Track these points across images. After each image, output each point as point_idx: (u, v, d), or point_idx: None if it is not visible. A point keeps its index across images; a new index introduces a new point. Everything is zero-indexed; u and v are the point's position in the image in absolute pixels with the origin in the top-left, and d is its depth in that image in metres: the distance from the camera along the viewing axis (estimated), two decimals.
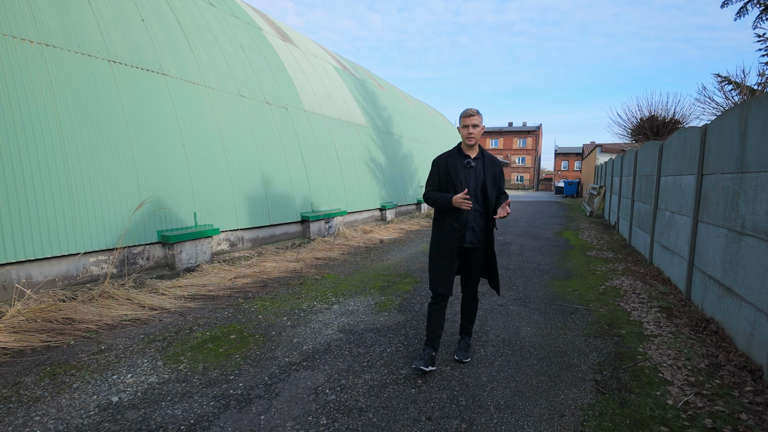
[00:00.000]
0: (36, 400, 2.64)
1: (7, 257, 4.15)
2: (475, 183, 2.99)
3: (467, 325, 3.32)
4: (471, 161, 3.00)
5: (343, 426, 2.36)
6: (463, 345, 3.28)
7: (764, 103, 3.22)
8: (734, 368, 3.05)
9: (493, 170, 3.05)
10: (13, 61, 4.53)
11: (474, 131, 2.94)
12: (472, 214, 2.99)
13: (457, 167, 3.00)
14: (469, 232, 3.01)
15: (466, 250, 3.06)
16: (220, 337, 3.70)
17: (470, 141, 2.96)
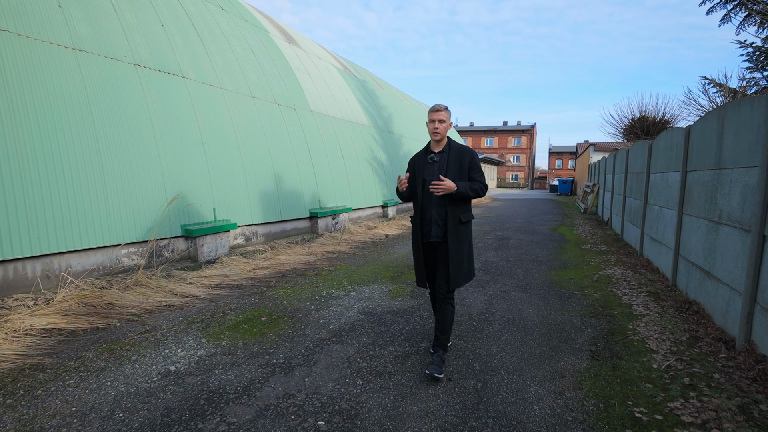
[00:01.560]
0: (102, 370, 3.01)
1: (51, 248, 4.49)
2: (437, 177, 2.92)
3: (440, 335, 2.97)
4: (434, 156, 3.01)
5: (377, 386, 2.76)
6: (436, 359, 2.90)
7: (737, 107, 3.65)
8: (711, 340, 3.48)
9: (459, 160, 2.96)
10: (51, 66, 4.87)
11: (440, 126, 2.94)
12: (435, 209, 2.95)
13: (422, 164, 3.05)
14: (434, 227, 2.97)
15: (435, 245, 3.03)
16: (252, 319, 4.08)
17: (436, 136, 2.97)
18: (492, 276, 5.85)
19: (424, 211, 3.00)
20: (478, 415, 2.44)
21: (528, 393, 2.69)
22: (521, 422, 2.37)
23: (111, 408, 2.51)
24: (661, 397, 2.61)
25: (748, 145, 3.37)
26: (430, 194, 2.95)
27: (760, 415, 2.39)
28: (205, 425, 2.33)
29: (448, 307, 2.99)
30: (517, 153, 58.63)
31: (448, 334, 3.00)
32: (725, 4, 8.01)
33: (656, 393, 2.66)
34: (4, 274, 4.19)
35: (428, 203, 2.98)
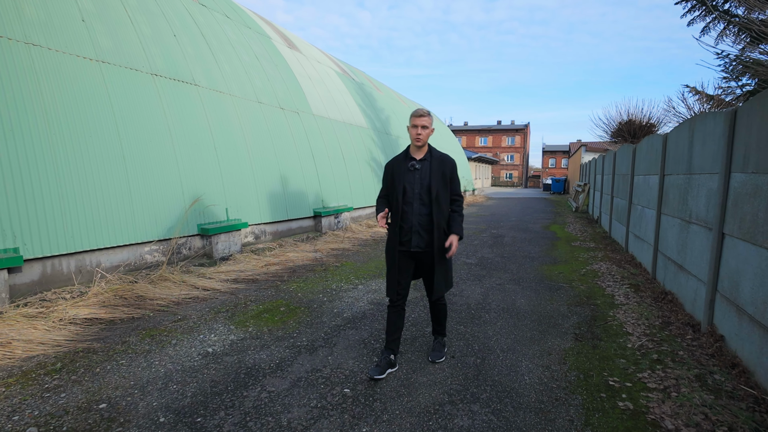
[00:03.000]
0: (148, 352, 3.42)
1: (83, 246, 4.88)
2: (420, 185, 2.89)
3: (437, 326, 3.27)
4: (416, 163, 2.93)
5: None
6: (437, 345, 3.23)
7: (704, 120, 4.13)
8: (681, 324, 3.97)
9: (441, 169, 2.91)
10: (79, 78, 5.25)
11: (422, 132, 2.87)
12: (416, 218, 2.90)
13: (402, 171, 2.95)
14: (415, 236, 2.92)
15: (417, 254, 2.98)
16: (271, 309, 4.50)
17: (418, 142, 2.89)
18: (488, 271, 6.31)
19: (405, 219, 2.92)
20: (477, 383, 2.89)
21: (520, 367, 3.14)
22: (514, 389, 2.83)
23: (164, 381, 2.93)
24: (632, 369, 3.08)
25: (712, 154, 3.85)
26: (411, 203, 2.90)
27: (713, 383, 2.86)
28: (249, 393, 2.76)
29: (440, 306, 3.18)
30: (511, 152, 59.32)
31: (444, 324, 3.26)
32: (704, 17, 8.54)
33: (628, 366, 3.14)
34: (43, 269, 4.58)
35: (409, 212, 2.91)
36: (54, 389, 2.83)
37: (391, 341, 3.06)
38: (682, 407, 2.55)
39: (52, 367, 3.14)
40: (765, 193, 2.83)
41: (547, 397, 2.73)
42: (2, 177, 4.25)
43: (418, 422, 2.45)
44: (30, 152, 4.52)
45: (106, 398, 2.72)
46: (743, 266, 3.11)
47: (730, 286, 3.31)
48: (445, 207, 2.96)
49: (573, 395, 2.74)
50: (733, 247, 3.30)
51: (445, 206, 2.94)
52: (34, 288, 4.51)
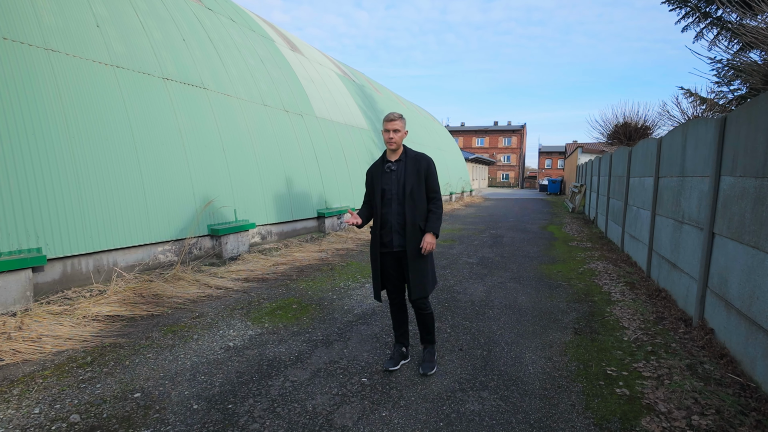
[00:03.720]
0: (172, 347, 3.61)
1: (101, 246, 5.06)
2: (397, 186, 2.97)
3: (425, 335, 3.19)
4: (391, 165, 3.02)
5: None
6: (427, 355, 3.16)
7: (696, 125, 4.36)
8: (674, 319, 4.20)
9: (416, 168, 2.96)
10: (95, 82, 5.42)
11: (395, 136, 2.94)
12: (395, 218, 2.96)
13: (379, 173, 3.04)
14: (395, 236, 2.97)
15: (399, 254, 3.01)
16: (284, 306, 4.70)
17: (391, 145, 2.97)
18: (489, 270, 6.53)
19: (384, 220, 2.99)
20: (485, 373, 3.11)
21: (524, 358, 3.36)
22: (519, 378, 3.04)
23: (192, 373, 3.12)
24: (628, 360, 3.30)
25: (703, 158, 4.08)
26: (389, 203, 2.97)
27: (703, 371, 3.09)
28: (273, 383, 2.96)
29: (426, 314, 3.11)
30: (508, 153, 59.69)
31: (432, 333, 3.17)
32: (698, 23, 8.80)
33: (625, 357, 3.36)
34: (63, 269, 4.75)
35: (388, 212, 2.97)
36: (89, 380, 3.01)
37: (400, 335, 3.22)
38: (674, 393, 2.77)
39: (83, 361, 3.32)
40: (751, 196, 3.06)
41: (550, 384, 2.94)
42: (26, 179, 4.43)
43: (433, 407, 2.66)
44: (51, 155, 4.70)
45: (140, 388, 2.91)
46: (731, 264, 3.34)
47: (720, 283, 3.54)
48: (420, 205, 2.96)
49: (574, 383, 2.96)
50: (723, 245, 3.53)
51: (420, 204, 2.95)
52: (55, 286, 4.68)
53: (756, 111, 3.08)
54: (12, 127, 4.42)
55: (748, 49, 7.43)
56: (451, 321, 4.22)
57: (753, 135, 3.10)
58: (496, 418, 2.54)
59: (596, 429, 2.43)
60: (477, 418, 2.54)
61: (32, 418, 2.55)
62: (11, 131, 4.41)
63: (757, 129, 3.02)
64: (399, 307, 3.20)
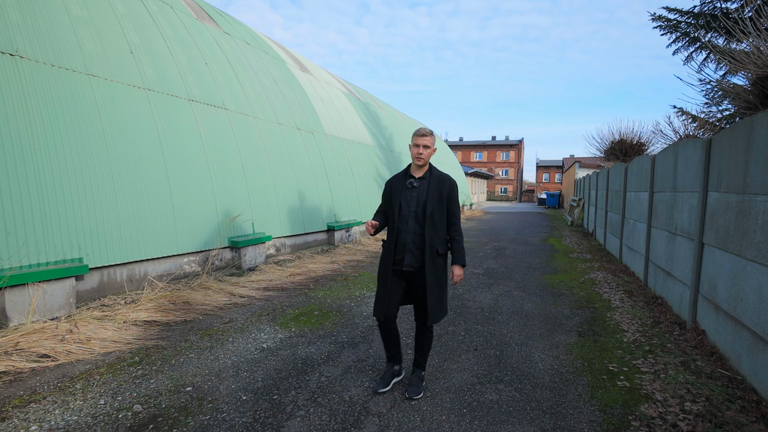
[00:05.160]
0: (211, 348, 3.94)
1: (134, 257, 5.41)
2: (416, 203, 2.87)
3: (418, 357, 3.08)
4: (414, 181, 2.93)
5: None
6: (415, 379, 3.03)
7: (686, 145, 4.79)
8: (669, 323, 4.55)
9: (439, 189, 2.88)
10: (130, 105, 5.84)
11: (424, 152, 2.86)
12: (410, 236, 2.85)
13: (400, 188, 2.95)
14: (408, 255, 2.86)
15: (408, 274, 2.91)
16: (306, 313, 5.03)
17: (419, 161, 2.88)
18: (495, 279, 6.89)
19: (399, 237, 2.89)
20: (500, 369, 3.45)
21: (533, 357, 3.70)
22: (531, 373, 3.38)
23: (234, 370, 3.45)
24: (628, 358, 3.65)
25: (692, 175, 4.49)
26: (406, 220, 2.88)
27: (695, 367, 3.43)
28: (310, 378, 3.29)
29: (427, 333, 3.02)
30: (506, 167, 60.44)
31: (426, 356, 3.08)
32: (688, 47, 9.34)
33: (625, 355, 3.71)
34: (101, 278, 5.09)
35: (404, 230, 2.88)
36: (142, 377, 3.34)
37: (392, 355, 3.10)
38: (669, 384, 3.11)
39: (132, 360, 3.65)
40: (734, 209, 3.45)
41: (558, 378, 3.28)
42: (70, 195, 4.80)
43: (456, 397, 2.99)
44: (92, 173, 5.08)
45: (190, 383, 3.24)
46: (719, 270, 3.71)
47: (709, 288, 3.90)
48: (441, 228, 2.89)
49: (579, 377, 3.30)
50: (711, 254, 3.91)
51: (440, 227, 2.88)
52: (93, 294, 5.01)
53: (736, 135, 3.49)
54: (60, 148, 4.82)
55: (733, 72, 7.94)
56: (464, 325, 4.56)
57: (734, 156, 3.50)
58: (512, 406, 2.88)
59: (601, 414, 2.77)
60: (496, 406, 2.88)
61: (99, 408, 2.88)
62: (59, 151, 4.80)
63: (738, 151, 3.43)
64: (392, 329, 3.04)
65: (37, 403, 2.93)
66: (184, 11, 8.38)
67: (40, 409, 2.86)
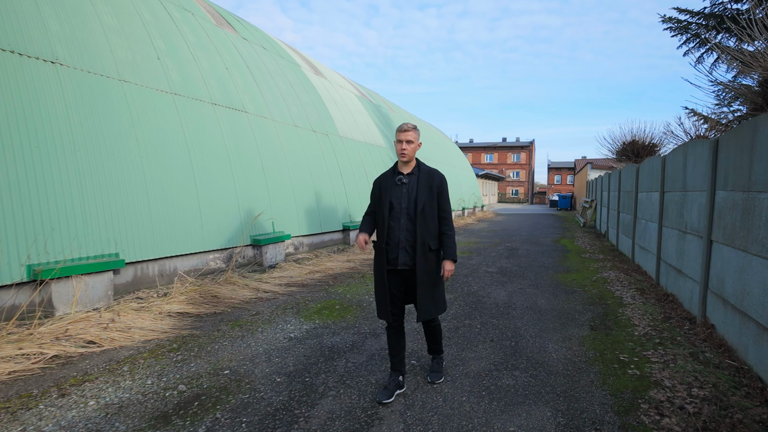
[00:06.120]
0: (242, 337, 4.20)
1: (165, 253, 5.70)
2: (407, 200, 2.85)
3: (433, 345, 3.19)
4: (403, 177, 2.90)
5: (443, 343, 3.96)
6: (435, 365, 3.15)
7: (695, 145, 4.93)
8: (679, 318, 4.70)
9: (429, 184, 2.86)
10: (159, 109, 6.15)
11: (408, 147, 2.83)
12: (403, 234, 2.83)
13: (389, 185, 2.91)
14: (402, 253, 2.84)
15: (405, 273, 2.89)
16: (328, 307, 5.28)
17: (403, 157, 2.86)
18: (508, 278, 7.07)
19: (391, 236, 2.86)
20: (515, 358, 3.65)
21: (547, 347, 3.89)
22: (545, 362, 3.57)
23: (267, 356, 3.70)
24: (639, 349, 3.82)
25: (701, 175, 4.64)
26: (398, 218, 2.84)
27: (703, 358, 3.60)
28: (338, 363, 3.53)
29: (434, 326, 3.10)
30: (517, 168, 60.27)
31: (440, 343, 3.19)
32: (699, 48, 9.43)
33: (635, 347, 3.88)
34: (135, 272, 5.40)
35: (396, 227, 2.85)
36: (182, 361, 3.61)
37: (396, 362, 3.01)
38: (678, 372, 3.29)
39: (171, 347, 3.92)
40: (740, 207, 3.61)
41: (571, 367, 3.47)
42: (107, 194, 5.11)
43: (475, 382, 3.20)
44: (126, 172, 5.39)
45: (227, 367, 3.49)
46: (726, 266, 3.87)
47: (718, 284, 4.06)
48: (432, 223, 2.87)
49: (592, 366, 3.49)
50: (719, 251, 4.06)
51: (431, 222, 2.86)
52: (128, 288, 5.32)
53: (741, 135, 3.65)
54: (97, 149, 5.13)
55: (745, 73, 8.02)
56: (480, 319, 4.76)
57: (739, 155, 3.66)
58: (528, 390, 3.08)
59: (612, 398, 2.96)
60: (512, 390, 3.08)
61: (147, 387, 3.15)
62: (96, 152, 5.11)
63: (743, 150, 3.59)
64: (398, 330, 3.00)
65: (91, 383, 3.20)
66: (204, 18, 8.72)
67: (95, 387, 3.13)
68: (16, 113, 4.45)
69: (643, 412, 2.75)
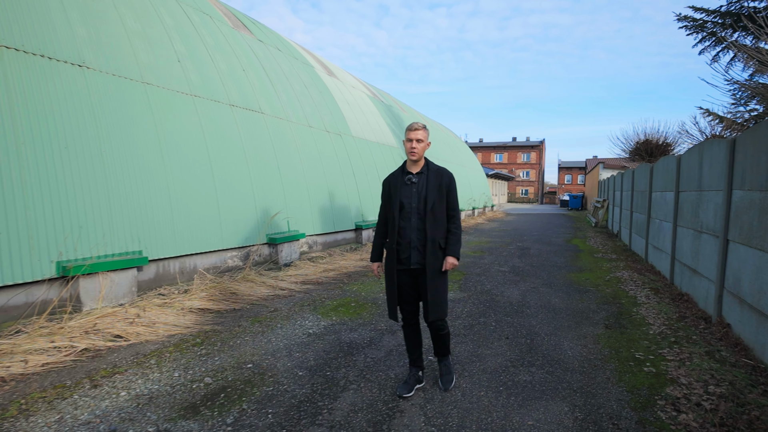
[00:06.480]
0: (263, 332, 4.31)
1: (185, 251, 5.85)
2: (417, 199, 2.86)
3: (440, 348, 3.09)
4: (412, 177, 2.91)
5: (458, 342, 4.04)
6: (444, 369, 3.06)
7: (711, 145, 4.93)
8: (694, 318, 4.71)
9: (438, 182, 2.87)
10: (180, 110, 6.31)
11: (417, 146, 2.84)
12: (414, 233, 2.84)
13: (399, 185, 2.92)
14: (414, 252, 2.85)
15: (415, 272, 2.90)
16: (344, 304, 5.38)
17: (413, 156, 2.87)
18: (521, 277, 7.10)
19: (402, 236, 2.87)
20: (531, 355, 3.71)
21: (562, 345, 3.95)
22: (561, 359, 3.63)
23: (287, 351, 3.81)
24: (654, 347, 3.85)
25: (717, 174, 4.64)
26: (408, 217, 2.86)
27: (719, 356, 3.62)
28: (357, 358, 3.62)
29: (442, 332, 3.00)
30: (527, 168, 59.89)
31: (447, 346, 3.09)
32: (714, 47, 9.34)
33: (651, 345, 3.91)
34: (157, 269, 5.55)
35: (407, 227, 2.86)
36: (206, 355, 3.73)
37: (415, 358, 3.08)
38: (694, 370, 3.32)
39: (195, 341, 4.05)
40: (757, 206, 3.63)
41: (587, 364, 3.52)
42: (132, 193, 5.27)
43: (492, 377, 3.27)
44: (149, 172, 5.54)
45: (250, 361, 3.61)
46: (743, 265, 3.88)
47: (734, 283, 4.07)
48: (441, 221, 2.88)
49: (607, 363, 3.53)
50: (735, 250, 4.07)
51: (441, 220, 2.88)
52: (150, 284, 5.47)
53: (759, 135, 3.67)
54: (122, 149, 5.29)
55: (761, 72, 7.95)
56: (495, 317, 4.82)
57: (757, 155, 3.68)
58: (545, 385, 3.14)
59: (629, 394, 3.01)
60: (529, 385, 3.15)
61: (175, 379, 3.27)
62: (121, 152, 5.27)
63: (760, 150, 3.60)
64: (414, 328, 3.06)
65: (121, 375, 3.34)
66: (222, 21, 8.88)
67: (125, 379, 3.27)
68: (46, 115, 4.62)
69: (660, 408, 2.79)
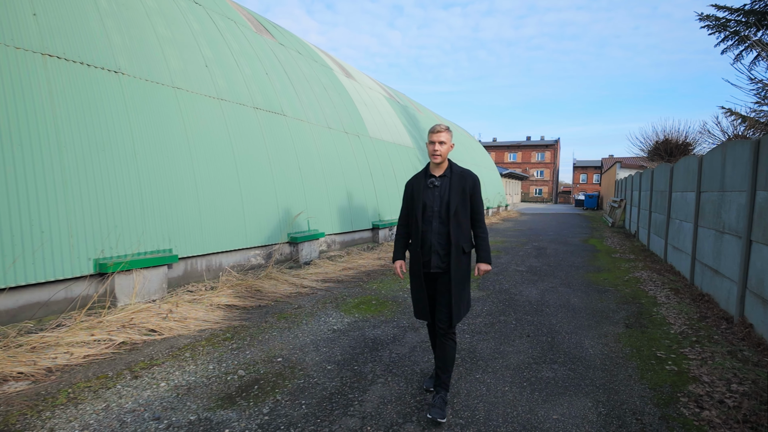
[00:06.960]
0: (289, 328, 4.47)
1: (212, 249, 6.06)
2: (440, 203, 2.81)
3: (441, 374, 2.81)
4: (435, 180, 2.85)
5: (480, 339, 4.13)
6: (438, 401, 2.73)
7: (734, 145, 4.93)
8: (716, 318, 4.71)
9: (461, 185, 2.80)
10: (206, 113, 6.52)
11: (440, 148, 2.79)
12: (435, 237, 2.79)
13: (421, 188, 2.88)
14: (435, 256, 2.80)
15: (435, 276, 2.86)
16: (365, 302, 5.51)
17: (436, 159, 2.81)
18: (539, 276, 7.14)
19: (424, 239, 2.83)
20: (553, 353, 3.78)
21: (583, 344, 4.01)
22: (582, 357, 3.70)
23: (314, 346, 3.96)
24: (675, 347, 3.89)
25: (741, 175, 4.64)
26: (430, 221, 2.82)
27: (742, 356, 3.64)
28: (382, 354, 3.75)
29: (449, 342, 2.80)
30: (541, 168, 59.33)
31: (449, 372, 2.82)
32: (738, 45, 9.22)
33: (672, 344, 3.95)
34: (185, 267, 5.77)
35: (428, 231, 2.82)
36: (237, 349, 3.90)
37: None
38: (716, 369, 3.36)
39: (225, 336, 4.23)
40: None
41: (609, 362, 3.59)
42: (163, 193, 5.49)
43: (515, 373, 3.37)
44: (179, 173, 5.76)
45: (279, 355, 3.76)
46: (767, 266, 3.89)
47: (757, 283, 4.08)
48: (465, 225, 2.82)
49: (629, 361, 3.59)
50: (759, 251, 4.08)
51: (464, 224, 2.81)
52: (179, 281, 5.69)
53: None
54: (153, 152, 5.52)
55: None
56: (515, 316, 4.90)
57: None
58: (568, 382, 3.22)
59: (651, 391, 3.07)
60: (552, 381, 3.23)
61: (210, 371, 3.44)
62: (153, 155, 5.50)
63: None
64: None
65: (159, 367, 3.52)
66: (245, 26, 9.10)
67: (163, 371, 3.45)
68: (85, 119, 4.85)
69: (683, 405, 2.85)
